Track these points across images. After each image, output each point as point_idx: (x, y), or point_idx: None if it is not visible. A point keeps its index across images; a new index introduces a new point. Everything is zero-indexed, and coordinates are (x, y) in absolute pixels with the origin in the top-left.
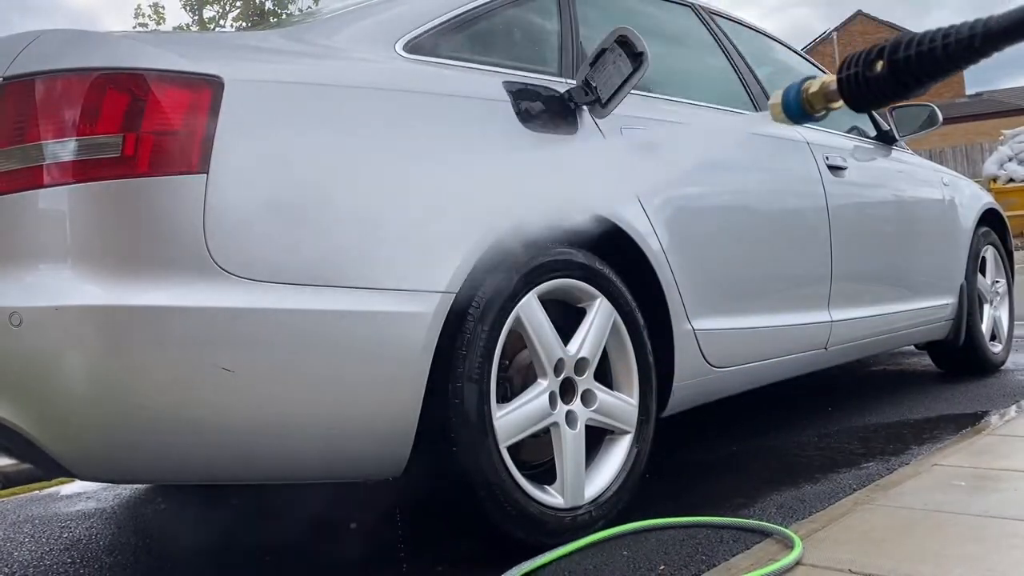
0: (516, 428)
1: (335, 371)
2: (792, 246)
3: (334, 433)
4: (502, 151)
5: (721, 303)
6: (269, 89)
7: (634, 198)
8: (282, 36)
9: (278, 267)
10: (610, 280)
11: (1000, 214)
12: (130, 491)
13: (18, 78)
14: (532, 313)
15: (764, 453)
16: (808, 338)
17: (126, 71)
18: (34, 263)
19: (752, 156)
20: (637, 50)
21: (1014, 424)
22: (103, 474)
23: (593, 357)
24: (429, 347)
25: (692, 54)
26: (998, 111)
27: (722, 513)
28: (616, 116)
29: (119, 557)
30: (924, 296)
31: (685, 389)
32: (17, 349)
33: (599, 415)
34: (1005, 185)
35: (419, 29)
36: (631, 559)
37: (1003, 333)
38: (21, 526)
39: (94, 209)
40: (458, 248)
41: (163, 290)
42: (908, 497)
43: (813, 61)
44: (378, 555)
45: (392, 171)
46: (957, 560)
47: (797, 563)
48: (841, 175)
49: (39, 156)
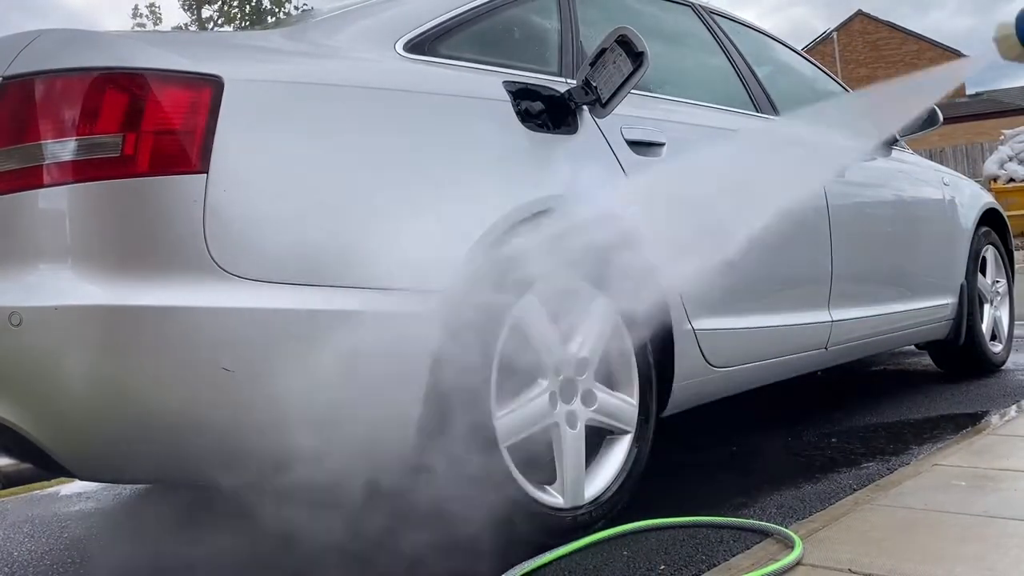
0: (516, 428)
1: (335, 371)
2: (792, 246)
3: (333, 433)
4: (502, 151)
5: (721, 303)
6: (269, 89)
7: (634, 198)
8: (282, 36)
9: (278, 267)
10: (610, 280)
11: (1000, 214)
12: (130, 491)
13: (18, 78)
14: (532, 313)
15: (764, 453)
16: (808, 338)
17: (126, 71)
18: (34, 263)
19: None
20: (637, 50)
21: (1014, 424)
22: (103, 474)
23: (593, 357)
24: (429, 347)
25: (692, 54)
26: (998, 111)
27: (722, 513)
28: (616, 116)
29: (119, 557)
30: (924, 296)
31: (685, 389)
32: (17, 349)
33: (599, 415)
34: (1005, 185)
35: (419, 29)
36: (631, 559)
37: (1003, 333)
38: (21, 526)
39: (94, 209)
40: (458, 248)
41: (163, 290)
42: (908, 497)
43: (813, 61)
44: (377, 555)
45: (392, 171)
46: (957, 560)
47: (797, 563)
48: (841, 175)
49: (39, 156)
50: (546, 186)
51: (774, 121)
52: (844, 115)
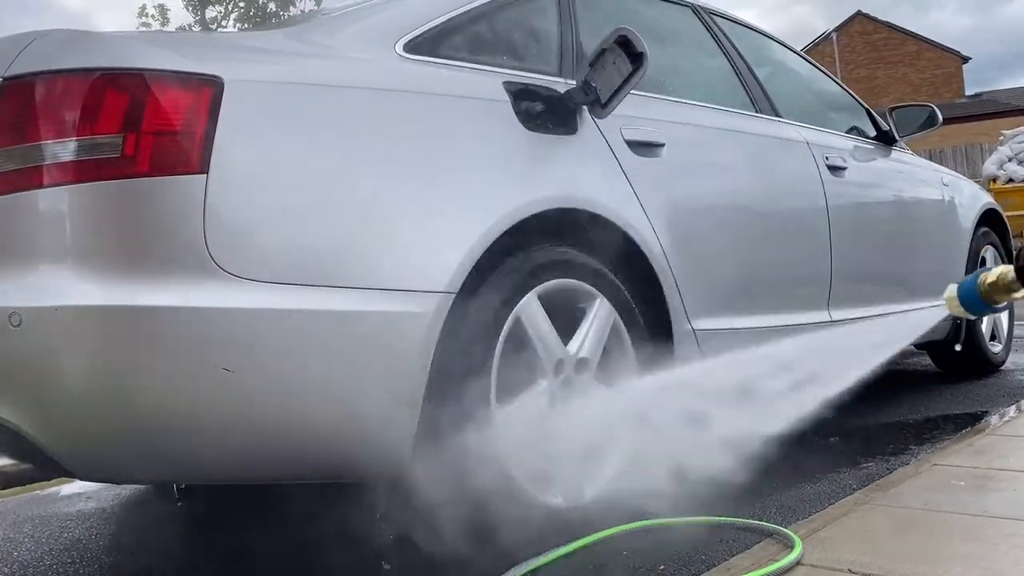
0: (516, 427)
1: (335, 371)
2: (792, 246)
3: (334, 433)
4: (501, 151)
5: (721, 303)
6: (269, 89)
7: (634, 198)
8: (282, 36)
9: (278, 267)
10: (610, 280)
11: (1000, 214)
12: (130, 491)
13: (18, 78)
14: (532, 313)
15: (764, 453)
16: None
17: (126, 71)
18: (34, 263)
19: (752, 156)
20: (637, 50)
21: (1014, 424)
22: (103, 474)
23: (593, 357)
24: (429, 347)
25: (692, 54)
26: (998, 111)
27: (722, 513)
28: (616, 116)
29: (119, 557)
30: (924, 296)
31: None
32: (17, 349)
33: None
34: (1005, 185)
35: (419, 29)
36: (631, 559)
37: (1003, 333)
38: (21, 526)
39: (94, 209)
40: (458, 248)
41: (163, 290)
42: (908, 497)
43: (813, 61)
44: (377, 555)
45: (392, 171)
46: (956, 560)
47: (797, 563)
48: (841, 175)
49: (39, 156)
50: (546, 186)
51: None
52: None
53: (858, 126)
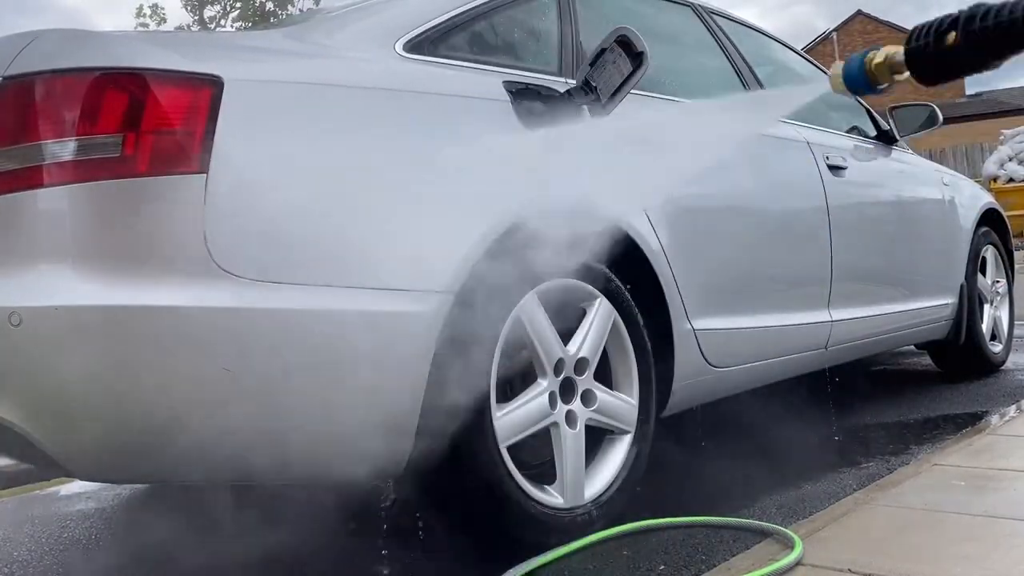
0: (516, 428)
1: (335, 371)
2: (792, 246)
3: (334, 433)
4: (501, 151)
5: (721, 303)
6: (269, 89)
7: (634, 198)
8: (282, 36)
9: (278, 267)
10: (610, 280)
11: (1000, 214)
12: (130, 491)
13: (18, 78)
14: (532, 313)
15: (764, 453)
16: (808, 338)
17: (126, 71)
18: (34, 263)
19: (753, 155)
20: (637, 50)
21: (1014, 424)
22: (103, 474)
23: (593, 357)
24: (429, 347)
25: (692, 54)
26: (998, 111)
27: (722, 513)
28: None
29: (119, 557)
30: (924, 296)
31: (685, 389)
32: (17, 349)
33: (599, 415)
34: (1005, 185)
35: (419, 29)
36: (631, 559)
37: (1003, 333)
38: (21, 526)
39: (94, 209)
40: (458, 248)
41: (163, 290)
42: (908, 497)
43: (813, 61)
44: (377, 555)
45: (392, 171)
46: (956, 560)
47: (797, 563)
48: (841, 175)
49: (39, 156)
50: (545, 186)
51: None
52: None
53: (858, 125)
